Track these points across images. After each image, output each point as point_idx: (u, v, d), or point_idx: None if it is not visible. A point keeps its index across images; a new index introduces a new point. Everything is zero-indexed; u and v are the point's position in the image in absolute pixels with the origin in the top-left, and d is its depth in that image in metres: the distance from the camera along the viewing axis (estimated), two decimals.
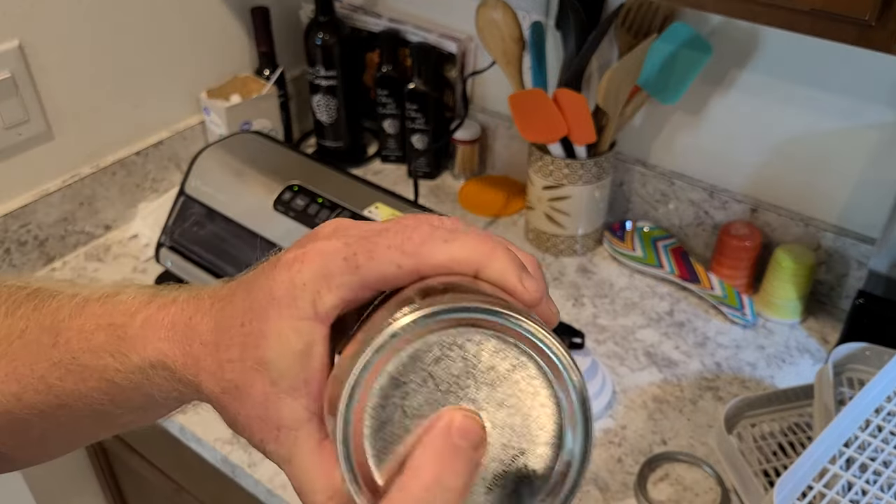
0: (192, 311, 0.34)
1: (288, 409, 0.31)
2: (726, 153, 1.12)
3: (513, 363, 0.27)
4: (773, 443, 0.89)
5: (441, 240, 0.31)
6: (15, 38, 1.05)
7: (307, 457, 0.31)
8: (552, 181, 1.13)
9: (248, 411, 0.32)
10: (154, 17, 1.20)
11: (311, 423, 0.31)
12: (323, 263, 0.31)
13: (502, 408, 0.27)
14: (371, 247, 0.31)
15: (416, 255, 0.30)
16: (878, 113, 0.97)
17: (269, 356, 0.31)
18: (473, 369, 0.27)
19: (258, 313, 0.31)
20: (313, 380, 0.31)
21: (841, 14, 0.64)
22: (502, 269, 0.30)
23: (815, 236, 1.07)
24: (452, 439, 0.27)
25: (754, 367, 1.01)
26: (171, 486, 1.19)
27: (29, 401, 0.38)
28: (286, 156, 1.07)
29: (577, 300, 1.12)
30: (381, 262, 0.31)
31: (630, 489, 0.86)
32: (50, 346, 0.37)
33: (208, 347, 0.33)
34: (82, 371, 0.36)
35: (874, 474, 0.70)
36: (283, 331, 0.31)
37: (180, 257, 1.04)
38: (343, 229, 0.33)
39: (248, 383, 0.31)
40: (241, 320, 0.32)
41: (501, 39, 1.09)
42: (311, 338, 0.31)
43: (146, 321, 0.35)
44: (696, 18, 1.05)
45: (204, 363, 0.33)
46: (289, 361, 0.31)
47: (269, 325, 0.31)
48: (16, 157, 1.10)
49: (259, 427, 0.32)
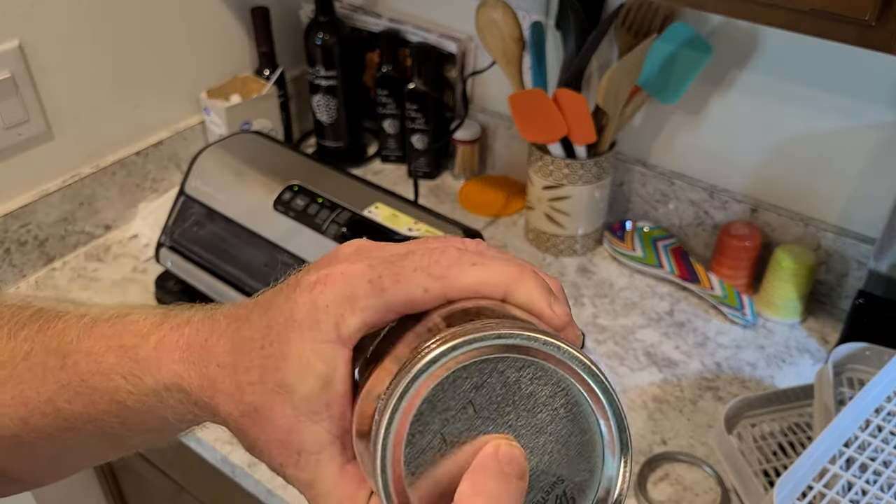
0: (207, 332, 0.34)
1: (309, 433, 0.30)
2: (726, 153, 1.12)
3: (553, 389, 0.27)
4: (773, 443, 0.89)
5: (469, 263, 0.30)
6: (15, 38, 1.05)
7: (329, 480, 0.31)
8: (552, 181, 1.13)
9: (269, 435, 0.31)
10: (154, 17, 1.20)
11: (332, 446, 0.31)
12: (347, 286, 0.30)
13: (542, 434, 0.27)
14: (397, 270, 0.30)
15: (444, 279, 0.30)
16: (879, 113, 0.97)
17: (290, 379, 0.30)
18: (514, 396, 0.27)
19: (279, 335, 0.31)
20: (335, 403, 0.30)
21: (841, 14, 0.64)
22: (531, 293, 0.30)
23: (815, 236, 1.07)
24: (502, 467, 0.26)
25: (754, 367, 1.01)
26: (171, 485, 1.19)
27: (36, 424, 0.37)
28: (286, 156, 1.07)
29: (577, 300, 1.12)
30: (408, 285, 0.30)
31: (630, 489, 0.86)
32: (58, 369, 0.37)
33: (226, 370, 0.32)
34: (92, 394, 0.36)
35: (874, 474, 0.70)
36: (304, 353, 0.30)
37: (180, 257, 1.04)
38: (366, 251, 0.32)
39: (268, 406, 0.31)
40: (260, 343, 0.31)
41: (501, 39, 1.09)
42: (334, 361, 0.30)
43: (160, 343, 0.34)
44: (696, 18, 1.05)
45: (221, 385, 0.32)
46: (310, 385, 0.30)
47: (290, 347, 0.30)
48: (16, 157, 1.10)
49: (279, 451, 0.31)
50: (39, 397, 0.37)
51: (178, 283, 1.08)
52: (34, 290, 1.14)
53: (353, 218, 0.94)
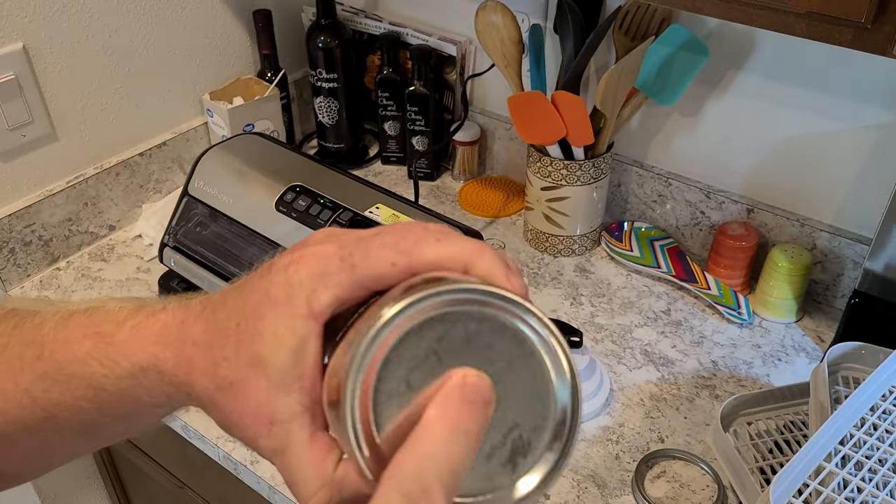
0: (182, 315, 0.35)
1: (281, 403, 0.32)
2: (723, 154, 1.13)
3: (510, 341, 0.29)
4: (770, 440, 0.90)
5: (433, 239, 0.32)
6: (19, 40, 1.06)
7: (300, 448, 0.32)
8: (550, 182, 1.14)
9: (243, 408, 0.32)
10: (157, 19, 1.21)
11: (303, 416, 0.32)
12: (319, 264, 0.32)
13: (499, 382, 0.28)
14: (366, 247, 0.32)
15: (410, 253, 0.32)
16: (874, 114, 0.98)
17: (264, 352, 0.32)
18: (474, 346, 0.29)
19: (253, 311, 0.32)
20: (306, 376, 0.32)
21: (837, 16, 0.64)
22: (490, 266, 0.32)
23: (810, 236, 1.08)
24: (467, 394, 0.27)
25: (750, 366, 1.02)
26: (174, 483, 1.20)
27: (13, 416, 0.38)
28: (288, 157, 1.08)
29: (575, 299, 1.13)
30: (377, 260, 0.32)
31: (628, 486, 0.87)
32: (35, 359, 0.37)
33: (201, 347, 0.33)
34: (69, 381, 0.37)
35: (869, 472, 0.70)
36: (278, 329, 0.32)
37: (183, 257, 1.05)
38: (335, 235, 0.34)
39: (242, 380, 0.32)
40: (235, 320, 0.33)
41: (501, 42, 1.10)
42: (307, 335, 0.32)
43: (135, 327, 0.36)
44: (692, 21, 1.06)
45: (197, 363, 0.33)
46: (283, 358, 0.32)
47: (264, 322, 0.32)
48: (20, 158, 1.11)
49: (252, 422, 0.32)
50: (17, 388, 0.38)
51: (181, 283, 1.08)
52: (38, 290, 1.15)
53: (354, 218, 0.95)
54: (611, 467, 0.89)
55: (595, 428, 0.94)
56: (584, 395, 0.94)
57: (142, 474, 1.27)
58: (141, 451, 1.22)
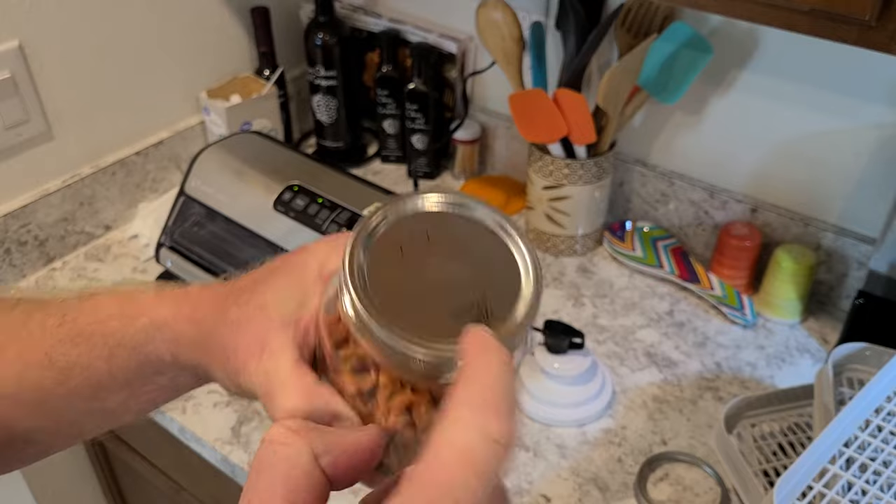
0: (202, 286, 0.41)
1: (276, 336, 0.36)
2: (726, 153, 1.12)
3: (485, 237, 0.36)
4: (773, 443, 0.89)
5: None
6: (15, 38, 1.05)
7: (285, 368, 0.36)
8: (552, 181, 1.13)
9: (241, 340, 0.37)
10: (154, 16, 1.20)
11: (292, 348, 0.36)
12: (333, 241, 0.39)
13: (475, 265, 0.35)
14: None
15: None
16: (878, 113, 0.97)
17: (273, 299, 0.37)
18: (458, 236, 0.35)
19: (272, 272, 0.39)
20: (302, 320, 0.37)
21: (841, 14, 0.64)
22: None
23: (814, 236, 1.07)
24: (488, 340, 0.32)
25: (754, 367, 1.01)
26: (170, 485, 1.19)
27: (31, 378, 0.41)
28: (286, 156, 1.07)
29: (577, 300, 1.12)
30: None
31: (630, 489, 0.86)
32: (56, 326, 0.41)
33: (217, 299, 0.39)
34: (87, 340, 0.40)
35: (874, 474, 0.70)
36: (290, 283, 0.37)
37: (180, 257, 1.04)
38: None
39: (246, 319, 0.37)
40: (254, 279, 0.39)
41: (501, 39, 1.09)
42: (312, 290, 0.37)
43: (160, 291, 0.41)
44: (695, 18, 1.05)
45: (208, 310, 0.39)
46: (289, 307, 0.37)
47: (278, 279, 0.38)
48: (16, 158, 1.10)
49: (245, 350, 0.37)
50: (37, 353, 0.41)
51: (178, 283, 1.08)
52: (34, 290, 1.14)
53: (352, 218, 0.94)
54: (613, 470, 0.88)
55: (597, 430, 0.93)
56: (587, 397, 0.93)
57: (139, 478, 1.26)
58: (138, 454, 1.21)
